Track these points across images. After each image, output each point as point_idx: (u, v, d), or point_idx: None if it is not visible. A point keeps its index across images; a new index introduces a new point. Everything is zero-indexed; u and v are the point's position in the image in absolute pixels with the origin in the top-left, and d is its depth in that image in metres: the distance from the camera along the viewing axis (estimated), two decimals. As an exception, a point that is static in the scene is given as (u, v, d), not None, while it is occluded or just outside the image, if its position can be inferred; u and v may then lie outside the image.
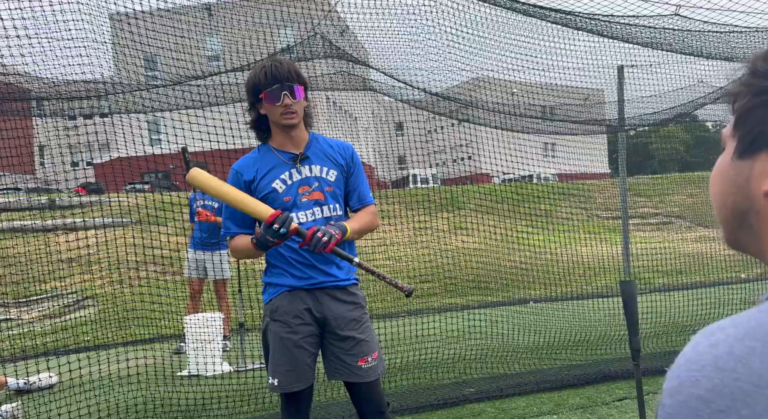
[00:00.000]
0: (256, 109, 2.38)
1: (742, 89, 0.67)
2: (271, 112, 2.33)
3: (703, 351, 0.55)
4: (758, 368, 0.51)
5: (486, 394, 4.24)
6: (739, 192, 0.67)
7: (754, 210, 0.66)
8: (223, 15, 7.16)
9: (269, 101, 2.30)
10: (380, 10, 5.90)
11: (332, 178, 2.39)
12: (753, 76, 0.66)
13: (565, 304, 8.28)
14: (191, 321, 5.47)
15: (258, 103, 2.36)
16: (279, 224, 2.15)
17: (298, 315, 2.31)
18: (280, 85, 2.29)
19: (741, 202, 0.67)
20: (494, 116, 7.45)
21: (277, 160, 2.37)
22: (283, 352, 2.30)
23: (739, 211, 0.68)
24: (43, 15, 4.70)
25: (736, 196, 0.68)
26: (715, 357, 0.53)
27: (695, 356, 0.55)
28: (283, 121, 2.32)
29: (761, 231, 0.66)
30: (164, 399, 4.48)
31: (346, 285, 2.38)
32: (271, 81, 2.29)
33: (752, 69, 0.67)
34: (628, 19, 5.54)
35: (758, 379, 0.51)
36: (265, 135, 2.43)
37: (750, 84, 0.66)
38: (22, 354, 6.66)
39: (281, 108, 2.30)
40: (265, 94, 2.30)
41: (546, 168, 20.61)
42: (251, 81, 2.34)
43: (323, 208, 2.36)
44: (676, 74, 7.70)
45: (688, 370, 0.55)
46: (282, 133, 2.37)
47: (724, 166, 0.70)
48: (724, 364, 0.52)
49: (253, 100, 2.36)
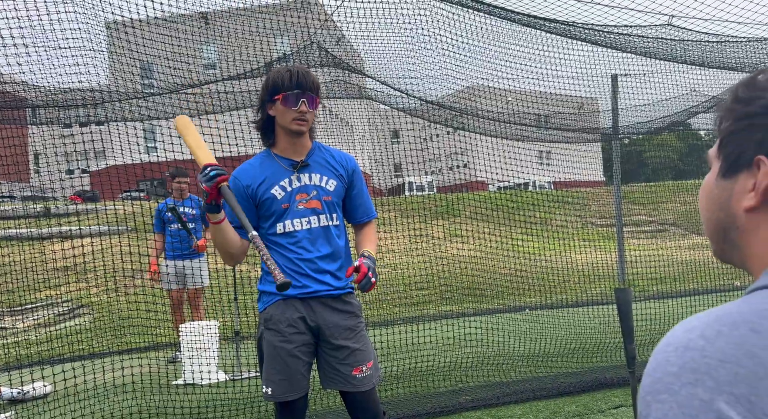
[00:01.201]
0: (265, 109, 2.36)
1: (726, 113, 0.74)
2: (283, 116, 2.31)
3: (678, 336, 0.63)
4: (723, 347, 0.59)
5: (482, 402, 4.23)
6: (723, 209, 0.74)
7: (735, 226, 0.73)
8: (220, 24, 7.18)
9: (286, 104, 2.28)
10: (376, 20, 5.94)
11: (331, 188, 2.38)
12: (735, 102, 0.73)
13: (561, 312, 8.29)
14: (186, 330, 5.45)
15: (270, 104, 2.33)
16: (211, 168, 2.12)
17: (291, 324, 2.30)
18: (302, 91, 2.29)
19: (724, 219, 0.74)
20: (490, 124, 7.49)
21: (277, 167, 2.35)
22: (277, 361, 2.29)
23: (723, 227, 0.75)
24: (39, 23, 4.71)
25: (720, 212, 0.75)
26: (687, 340, 0.62)
27: (671, 340, 0.64)
28: (293, 127, 2.31)
29: (743, 246, 0.73)
30: (159, 407, 4.46)
31: (340, 293, 2.37)
32: (294, 85, 2.28)
33: (734, 95, 0.73)
34: (622, 28, 5.60)
35: (722, 355, 0.59)
36: (269, 138, 2.41)
37: (732, 109, 0.73)
38: (16, 362, 6.62)
39: (295, 113, 2.29)
40: (284, 96, 2.28)
41: (541, 176, 20.69)
42: (272, 80, 2.30)
43: (320, 217, 2.35)
44: (670, 83, 7.76)
45: (665, 352, 0.63)
46: (287, 138, 2.36)
47: (710, 184, 0.77)
48: (694, 345, 0.61)
49: (267, 99, 2.33)
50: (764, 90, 0.71)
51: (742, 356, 0.58)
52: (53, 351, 7.33)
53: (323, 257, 2.33)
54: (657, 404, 0.60)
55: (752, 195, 0.70)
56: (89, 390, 4.97)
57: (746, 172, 0.71)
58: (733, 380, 0.57)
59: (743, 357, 0.58)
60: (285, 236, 2.32)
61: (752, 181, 0.70)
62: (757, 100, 0.71)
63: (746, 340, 0.59)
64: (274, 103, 2.31)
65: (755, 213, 0.71)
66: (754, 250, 0.72)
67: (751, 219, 0.71)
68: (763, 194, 0.69)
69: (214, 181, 2.11)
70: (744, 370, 0.57)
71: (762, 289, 0.66)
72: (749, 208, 0.71)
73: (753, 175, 0.70)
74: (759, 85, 0.72)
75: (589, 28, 5.48)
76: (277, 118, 2.34)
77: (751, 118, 0.71)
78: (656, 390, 0.61)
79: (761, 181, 0.69)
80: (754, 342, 0.59)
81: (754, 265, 0.72)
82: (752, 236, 0.72)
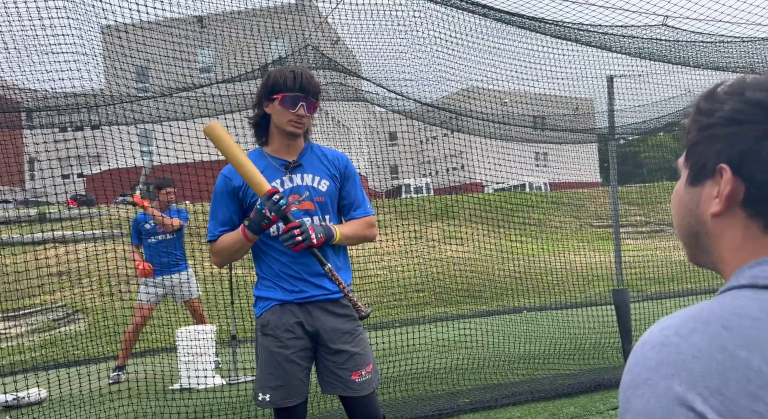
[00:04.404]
0: (262, 107, 2.32)
1: (691, 125, 0.79)
2: (280, 116, 2.28)
3: (655, 334, 0.68)
4: (696, 343, 0.64)
5: (480, 404, 4.22)
6: (692, 215, 0.80)
7: (705, 231, 0.78)
8: (215, 27, 7.17)
9: (284, 105, 2.26)
10: (372, 22, 5.93)
11: (324, 188, 2.35)
12: (697, 114, 0.78)
13: (558, 313, 8.28)
14: (183, 334, 5.42)
15: (268, 102, 2.30)
16: (279, 196, 2.12)
17: (289, 329, 2.26)
18: (303, 95, 2.27)
19: (694, 224, 0.80)
20: (486, 126, 7.49)
21: (269, 167, 2.31)
22: (274, 367, 2.26)
23: (694, 232, 0.80)
24: (33, 28, 4.70)
25: (690, 218, 0.80)
26: (663, 337, 0.67)
27: (648, 338, 0.69)
28: (289, 128, 2.28)
29: (712, 250, 0.78)
30: (155, 413, 4.43)
31: (338, 297, 2.32)
32: (296, 87, 2.26)
33: (697, 107, 0.79)
34: (617, 29, 5.60)
35: (696, 351, 0.63)
36: (262, 136, 2.38)
37: (695, 121, 0.78)
38: (10, 368, 6.58)
39: (293, 116, 2.27)
40: (283, 96, 2.25)
41: (538, 177, 20.70)
42: (273, 78, 2.27)
43: (313, 219, 2.31)
44: (665, 84, 7.78)
45: (642, 349, 0.68)
46: (281, 138, 2.33)
47: (680, 191, 0.82)
48: (669, 341, 0.66)
49: (265, 96, 2.30)
50: (723, 102, 0.75)
51: (714, 351, 0.62)
52: (48, 356, 7.29)
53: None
54: (636, 398, 0.64)
55: (717, 201, 0.75)
56: (85, 395, 4.93)
57: (711, 180, 0.76)
58: (706, 374, 0.61)
59: (715, 352, 0.62)
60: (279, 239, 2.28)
61: (716, 188, 0.75)
62: (716, 112, 0.75)
63: (718, 336, 0.64)
64: (272, 102, 2.28)
65: (720, 219, 0.75)
66: (722, 254, 0.76)
67: (716, 225, 0.76)
68: (726, 200, 0.74)
69: (283, 212, 2.13)
70: (715, 364, 0.61)
71: (731, 290, 0.70)
72: (715, 213, 0.75)
73: (717, 183, 0.75)
74: (718, 98, 0.76)
75: (585, 29, 5.48)
76: (273, 117, 2.31)
77: (712, 129, 0.75)
78: (635, 384, 0.65)
79: (723, 189, 0.73)
80: (725, 337, 0.63)
81: (724, 268, 0.77)
82: (719, 240, 0.76)
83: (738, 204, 0.74)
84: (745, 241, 0.74)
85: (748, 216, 0.73)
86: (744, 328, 0.63)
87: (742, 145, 0.72)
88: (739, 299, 0.67)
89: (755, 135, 0.71)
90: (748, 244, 0.73)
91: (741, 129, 0.72)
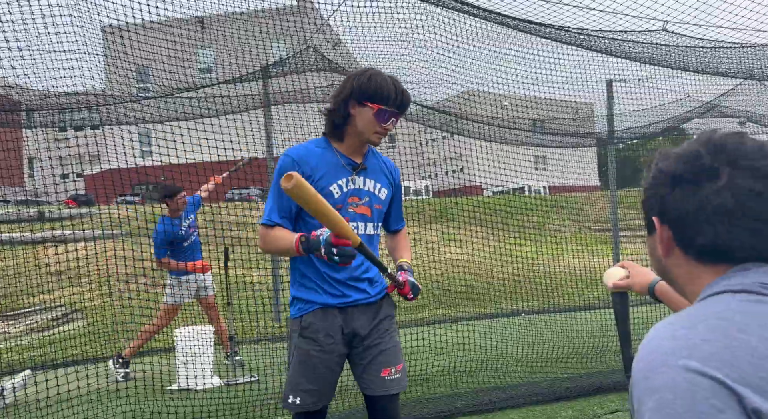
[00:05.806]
0: (348, 106, 2.22)
1: (644, 183, 0.99)
2: (367, 124, 2.20)
3: (662, 330, 0.83)
4: (702, 332, 0.79)
5: (478, 407, 4.22)
6: (655, 258, 1.02)
7: (666, 269, 0.99)
8: (216, 28, 7.18)
9: (378, 118, 2.19)
10: (372, 24, 5.95)
11: (383, 197, 2.34)
12: (643, 179, 0.99)
13: (557, 316, 8.28)
14: (181, 334, 5.42)
15: (357, 104, 2.19)
16: (341, 255, 1.99)
17: (330, 334, 2.24)
18: (399, 112, 2.23)
19: (657, 265, 1.02)
20: (485, 129, 7.50)
21: (338, 163, 2.25)
22: (312, 370, 2.24)
23: (661, 271, 1.02)
24: (35, 27, 4.70)
25: (654, 261, 1.03)
26: (672, 331, 0.82)
27: (657, 334, 0.83)
28: (373, 138, 2.24)
29: (676, 282, 0.98)
30: (154, 413, 4.43)
31: (377, 299, 2.34)
32: (396, 104, 2.20)
33: (647, 168, 0.99)
34: (617, 34, 5.62)
35: (704, 337, 0.78)
36: (336, 131, 2.27)
37: (645, 179, 0.99)
38: (8, 368, 6.57)
39: (381, 128, 2.21)
40: (380, 110, 2.18)
41: (537, 180, 20.72)
42: (377, 86, 2.17)
43: (367, 225, 2.28)
44: (664, 88, 7.81)
45: (654, 341, 0.82)
46: (356, 142, 2.27)
47: (647, 240, 1.03)
48: (679, 334, 0.80)
49: (357, 98, 2.19)
50: (663, 159, 0.95)
51: (719, 336, 0.78)
52: (47, 356, 7.28)
53: (362, 265, 2.29)
54: (657, 375, 0.77)
55: (659, 246, 0.97)
56: (83, 395, 4.92)
57: (655, 231, 0.97)
58: (716, 352, 0.76)
59: (720, 337, 0.78)
60: None
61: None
62: (648, 178, 0.97)
63: (718, 326, 0.79)
64: (363, 107, 2.19)
65: (669, 259, 0.96)
66: (682, 285, 0.97)
67: (669, 264, 0.97)
68: (663, 245, 0.95)
69: (348, 263, 2.06)
70: (722, 345, 0.76)
71: (710, 296, 0.87)
72: (661, 256, 0.97)
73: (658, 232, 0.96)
74: (649, 167, 0.98)
75: (585, 33, 5.50)
76: (357, 121, 2.22)
77: (650, 188, 0.97)
78: (653, 367, 0.78)
79: (659, 236, 0.96)
80: (724, 326, 0.79)
81: (688, 294, 0.96)
82: (677, 275, 0.97)
83: (675, 245, 0.94)
84: (690, 273, 0.93)
85: (685, 253, 0.93)
86: (736, 318, 0.80)
87: (660, 200, 0.94)
88: (722, 301, 0.84)
89: (665, 191, 0.92)
90: (693, 274, 0.93)
91: (657, 190, 0.94)
